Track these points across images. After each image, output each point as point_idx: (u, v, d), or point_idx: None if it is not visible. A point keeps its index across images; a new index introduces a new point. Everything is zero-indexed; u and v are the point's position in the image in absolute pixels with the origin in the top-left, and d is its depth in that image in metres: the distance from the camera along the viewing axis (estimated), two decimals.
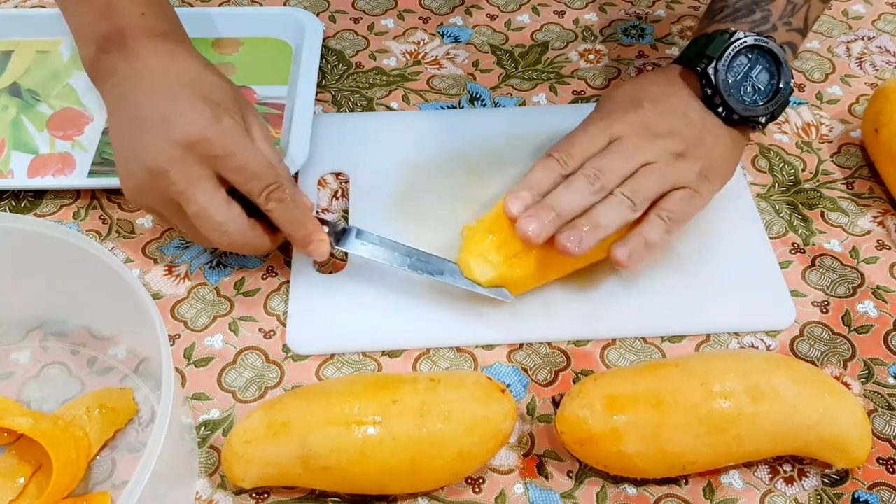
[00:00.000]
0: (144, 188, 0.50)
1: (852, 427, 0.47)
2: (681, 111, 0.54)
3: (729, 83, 0.54)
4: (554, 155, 0.52)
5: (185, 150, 0.48)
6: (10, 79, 0.70)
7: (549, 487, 0.49)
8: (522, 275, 0.52)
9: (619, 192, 0.50)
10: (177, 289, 0.58)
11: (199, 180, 0.49)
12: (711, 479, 0.49)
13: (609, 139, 0.53)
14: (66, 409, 0.50)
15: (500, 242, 0.52)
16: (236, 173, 0.49)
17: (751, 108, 0.54)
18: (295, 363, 0.54)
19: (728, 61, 0.53)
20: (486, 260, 0.52)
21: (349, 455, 0.45)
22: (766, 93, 0.55)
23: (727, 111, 0.54)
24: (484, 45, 0.73)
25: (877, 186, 0.63)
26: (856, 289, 0.57)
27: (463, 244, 0.54)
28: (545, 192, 0.51)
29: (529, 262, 0.52)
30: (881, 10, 0.76)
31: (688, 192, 0.52)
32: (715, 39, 0.54)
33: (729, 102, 0.54)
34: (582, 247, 0.49)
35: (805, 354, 0.54)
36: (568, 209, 0.50)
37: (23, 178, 0.63)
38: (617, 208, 0.50)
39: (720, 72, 0.53)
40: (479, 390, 0.47)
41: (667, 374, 0.47)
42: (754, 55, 0.54)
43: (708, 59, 0.54)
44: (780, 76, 0.55)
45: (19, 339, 0.54)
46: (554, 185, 0.51)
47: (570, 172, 0.52)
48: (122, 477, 0.49)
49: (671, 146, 0.52)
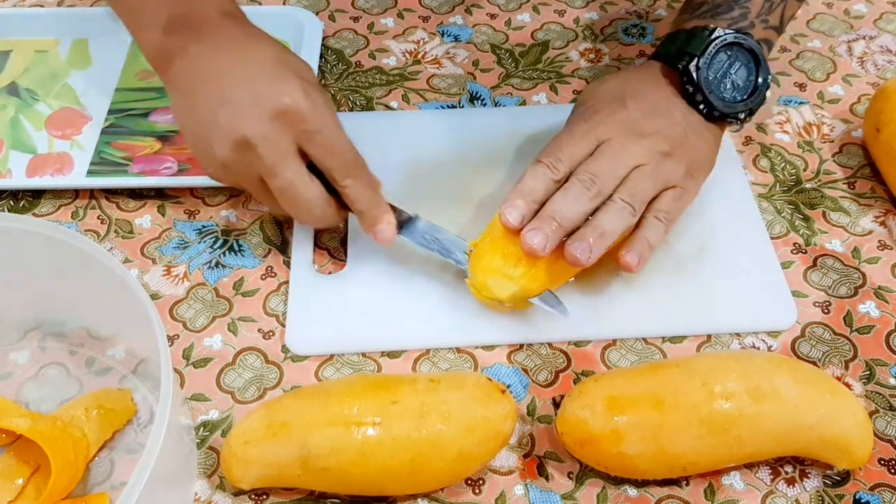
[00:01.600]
0: (228, 164, 0.50)
1: (854, 428, 0.46)
2: (664, 109, 0.54)
3: (710, 80, 0.54)
4: (543, 161, 0.52)
5: (274, 123, 0.48)
6: (8, 78, 0.69)
7: (549, 489, 0.49)
8: (539, 285, 0.52)
9: (617, 197, 0.51)
10: (175, 289, 0.57)
11: (287, 157, 0.49)
12: (712, 480, 0.49)
13: (596, 142, 0.52)
14: (65, 409, 0.50)
15: (516, 256, 0.51)
16: (322, 149, 0.50)
17: (731, 104, 0.55)
18: (294, 364, 0.54)
19: (709, 59, 0.53)
20: (505, 275, 0.51)
21: (349, 456, 0.44)
22: (745, 89, 0.55)
23: (708, 108, 0.54)
24: (484, 44, 0.73)
25: (878, 186, 0.63)
26: (857, 289, 0.57)
27: (472, 263, 0.53)
28: (539, 200, 0.51)
29: (544, 271, 0.51)
30: (883, 10, 0.76)
31: (678, 190, 0.53)
32: (696, 36, 0.54)
33: (710, 99, 0.54)
34: (592, 256, 0.49)
35: (806, 355, 0.54)
36: (569, 218, 0.50)
37: (21, 178, 0.62)
38: (619, 214, 0.50)
39: (702, 69, 0.53)
40: (479, 391, 0.47)
41: (668, 375, 0.47)
42: (734, 52, 0.54)
43: (689, 56, 0.54)
44: (758, 73, 0.55)
45: (18, 340, 0.54)
46: (547, 191, 0.51)
47: (562, 177, 0.51)
48: (120, 478, 0.49)
49: (658, 146, 0.52)
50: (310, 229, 0.59)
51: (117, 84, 0.69)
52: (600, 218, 0.50)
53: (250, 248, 0.60)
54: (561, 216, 0.49)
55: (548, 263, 0.51)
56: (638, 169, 0.52)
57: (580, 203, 0.50)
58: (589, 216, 0.51)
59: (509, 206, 0.50)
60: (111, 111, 0.67)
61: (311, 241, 0.59)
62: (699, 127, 0.55)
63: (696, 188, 0.55)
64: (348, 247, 0.59)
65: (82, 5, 0.77)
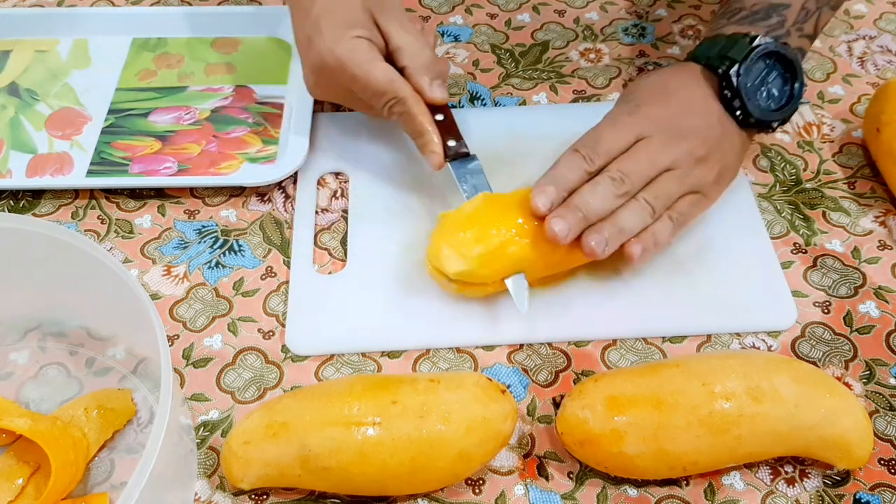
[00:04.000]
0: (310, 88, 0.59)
1: (854, 428, 0.46)
2: (704, 111, 0.55)
3: (748, 87, 0.54)
4: (581, 151, 0.52)
5: (319, 73, 0.57)
6: (8, 78, 0.69)
7: (549, 489, 0.49)
8: (491, 274, 0.51)
9: (641, 197, 0.51)
10: (175, 289, 0.57)
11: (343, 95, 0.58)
12: (712, 479, 0.49)
13: (636, 137, 0.53)
14: (65, 409, 0.50)
15: (476, 236, 0.51)
16: (360, 92, 0.56)
17: (766, 112, 0.55)
18: (294, 364, 0.54)
19: (749, 66, 0.54)
20: (461, 253, 0.51)
21: (349, 456, 0.44)
22: (780, 98, 0.56)
23: (744, 115, 0.55)
24: (484, 44, 0.73)
25: (878, 186, 0.63)
26: (857, 289, 0.57)
27: (437, 230, 0.53)
28: (570, 189, 0.51)
29: (500, 264, 0.51)
30: (883, 10, 0.76)
31: (699, 196, 0.54)
32: (737, 43, 0.55)
33: (748, 107, 0.54)
34: (607, 250, 0.50)
35: (806, 355, 0.54)
36: (594, 212, 0.50)
37: (21, 178, 0.62)
38: (639, 213, 0.51)
39: (742, 76, 0.54)
40: (479, 391, 0.47)
41: (668, 375, 0.47)
42: (772, 61, 0.55)
43: (730, 61, 0.54)
44: (793, 83, 0.56)
45: (18, 340, 0.54)
46: (579, 181, 0.51)
47: (596, 170, 0.52)
48: (120, 478, 0.49)
49: (695, 150, 0.53)
50: (310, 229, 0.59)
51: (117, 84, 0.69)
52: (621, 215, 0.51)
53: (250, 248, 0.60)
54: (587, 209, 0.50)
55: (510, 259, 0.51)
56: (669, 172, 0.52)
57: (607, 200, 0.50)
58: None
59: (539, 191, 0.50)
60: (111, 111, 0.67)
61: (311, 241, 0.59)
62: (733, 134, 0.55)
63: (718, 196, 0.56)
64: (348, 247, 0.59)
65: (82, 5, 0.77)
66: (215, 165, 0.63)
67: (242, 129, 0.66)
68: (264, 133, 0.66)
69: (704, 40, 0.58)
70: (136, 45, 0.72)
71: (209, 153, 0.64)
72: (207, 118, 0.67)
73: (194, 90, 0.69)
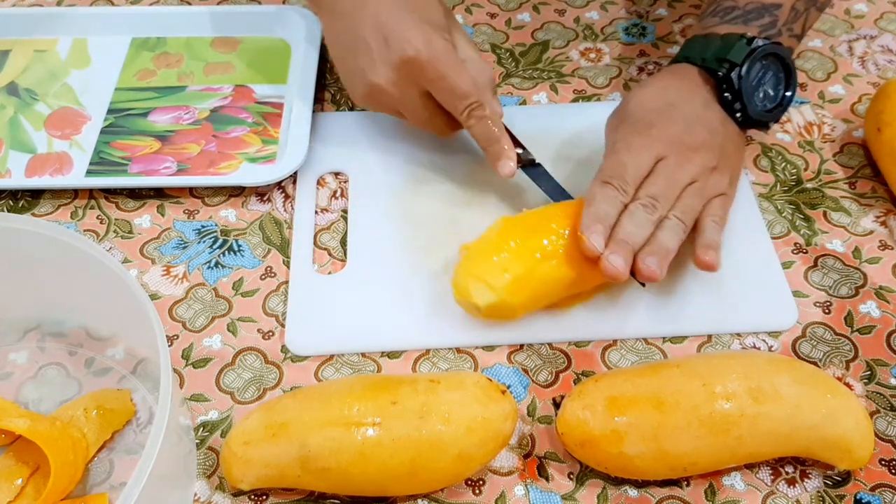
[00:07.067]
0: (368, 98, 0.59)
1: (854, 428, 0.46)
2: (704, 119, 0.55)
3: (746, 89, 0.55)
4: (613, 183, 0.53)
5: (399, 71, 0.55)
6: (7, 78, 0.69)
7: (549, 489, 0.49)
8: (522, 301, 0.51)
9: (672, 215, 0.52)
10: (175, 289, 0.57)
11: (412, 99, 0.57)
12: (713, 480, 0.49)
13: (654, 159, 0.54)
14: (64, 409, 0.50)
15: (503, 267, 0.51)
16: (443, 93, 0.56)
17: (763, 113, 0.56)
18: (294, 364, 0.54)
19: (749, 67, 0.55)
20: (487, 283, 0.50)
21: (348, 456, 0.44)
22: (774, 98, 0.57)
23: (744, 116, 0.56)
24: (484, 43, 0.73)
25: (879, 186, 0.63)
26: (858, 289, 0.57)
27: (461, 263, 0.53)
28: (613, 223, 0.52)
29: (530, 289, 0.51)
30: (883, 9, 0.76)
31: (724, 197, 0.55)
32: (734, 45, 0.55)
33: (748, 109, 0.55)
34: (662, 271, 0.51)
35: (807, 355, 0.54)
36: (639, 241, 0.51)
37: (20, 178, 0.62)
38: (675, 232, 0.52)
39: (743, 78, 0.55)
40: (479, 391, 0.46)
41: (668, 375, 0.47)
42: (768, 62, 0.56)
43: (730, 64, 0.55)
44: (787, 84, 0.57)
45: (17, 340, 0.54)
46: (618, 214, 0.52)
47: (629, 199, 0.53)
48: (120, 478, 0.49)
49: (707, 162, 0.54)
50: (309, 229, 0.59)
51: (116, 84, 0.69)
52: (662, 237, 0.52)
53: (250, 248, 0.60)
54: (633, 240, 0.51)
55: (536, 283, 0.51)
56: (690, 187, 0.53)
57: (646, 227, 0.52)
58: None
59: (591, 232, 0.51)
60: (110, 111, 0.67)
61: (311, 241, 0.59)
62: (733, 134, 0.56)
63: (735, 191, 0.57)
64: (348, 247, 0.59)
65: (81, 5, 0.77)
66: (215, 165, 0.63)
67: (242, 129, 0.66)
68: (264, 133, 0.66)
69: (695, 37, 0.58)
70: (136, 45, 0.72)
71: (208, 153, 0.64)
72: (207, 118, 0.67)
73: (194, 90, 0.69)
